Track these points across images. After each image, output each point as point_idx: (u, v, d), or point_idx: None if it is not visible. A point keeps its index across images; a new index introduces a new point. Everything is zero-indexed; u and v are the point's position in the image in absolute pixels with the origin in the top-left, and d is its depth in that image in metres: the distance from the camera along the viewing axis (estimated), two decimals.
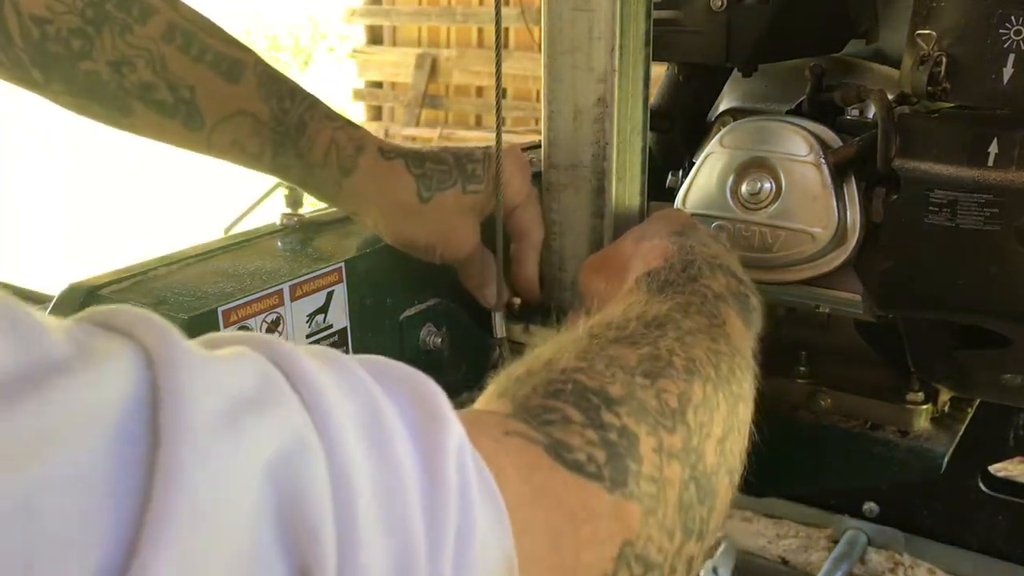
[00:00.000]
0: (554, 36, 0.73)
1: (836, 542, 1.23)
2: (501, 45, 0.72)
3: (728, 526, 1.29)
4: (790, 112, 0.83)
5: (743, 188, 0.80)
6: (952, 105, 0.69)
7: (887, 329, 0.82)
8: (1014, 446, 1.11)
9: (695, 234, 0.65)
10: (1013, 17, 0.63)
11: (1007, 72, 0.64)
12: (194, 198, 5.26)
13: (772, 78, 0.92)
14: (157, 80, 0.66)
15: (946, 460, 0.83)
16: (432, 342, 0.79)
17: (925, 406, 0.83)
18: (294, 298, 0.68)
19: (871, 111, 0.79)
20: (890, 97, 0.73)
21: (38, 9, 0.63)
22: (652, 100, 0.92)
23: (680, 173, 0.91)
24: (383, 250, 0.75)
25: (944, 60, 0.66)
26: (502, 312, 0.78)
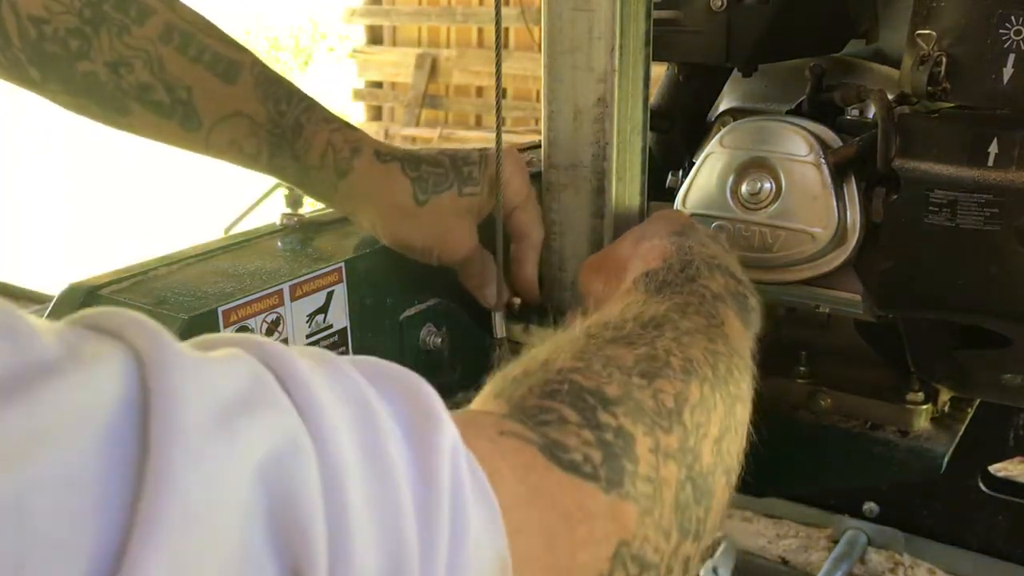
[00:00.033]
0: (554, 36, 0.73)
1: (836, 542, 1.23)
2: (501, 45, 0.71)
3: (728, 526, 1.29)
4: (790, 112, 0.83)
5: (743, 188, 0.80)
6: (952, 105, 0.69)
7: (887, 329, 0.82)
8: (1014, 446, 1.11)
9: (694, 234, 0.65)
10: (1013, 17, 0.63)
11: (1007, 72, 0.64)
12: (194, 198, 5.27)
13: (772, 78, 0.92)
14: (154, 81, 0.66)
15: (946, 460, 0.83)
16: (432, 342, 0.79)
17: (925, 406, 0.83)
18: (294, 298, 0.68)
19: (871, 111, 0.79)
20: (890, 97, 0.73)
21: (36, 9, 0.63)
22: (652, 100, 0.92)
23: (680, 173, 0.91)
24: (383, 250, 0.75)
25: (944, 60, 0.66)
26: (502, 312, 0.78)
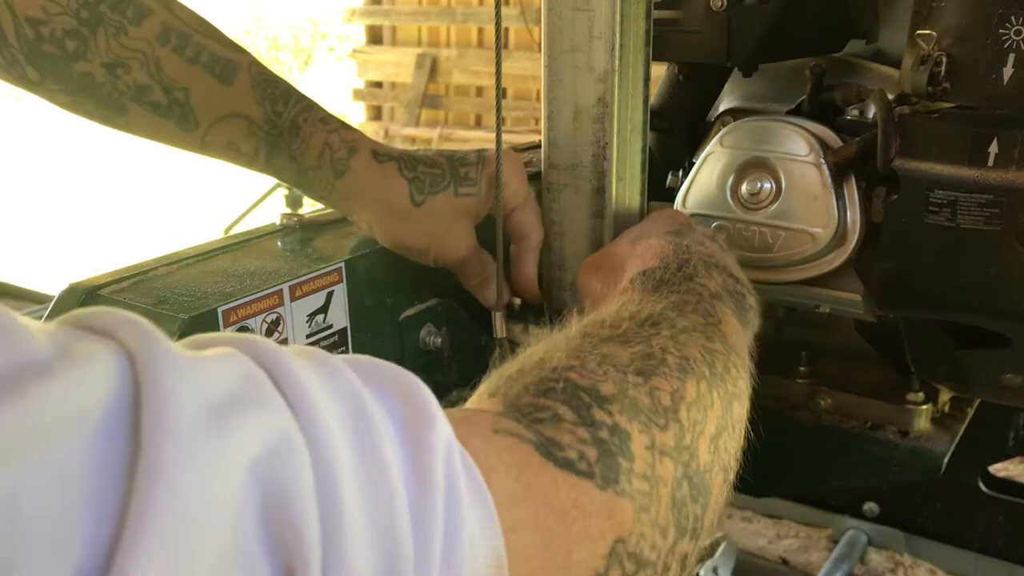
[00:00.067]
0: (554, 36, 0.73)
1: (836, 542, 1.23)
2: (501, 45, 0.71)
3: (728, 526, 1.29)
4: (790, 112, 0.83)
5: (743, 188, 0.80)
6: (952, 105, 0.69)
7: (887, 329, 0.82)
8: (1014, 446, 1.11)
9: (691, 234, 0.65)
10: (1013, 17, 0.63)
11: (1007, 72, 0.64)
12: (194, 198, 5.27)
13: (772, 78, 0.92)
14: (151, 82, 0.66)
15: (946, 460, 0.83)
16: (432, 342, 0.79)
17: (925, 406, 0.83)
18: (294, 298, 0.68)
19: (871, 111, 0.79)
20: (890, 97, 0.73)
21: (33, 10, 0.63)
22: (652, 100, 0.91)
23: (680, 173, 0.91)
24: (383, 250, 0.75)
25: (944, 60, 0.66)
26: (502, 312, 0.78)
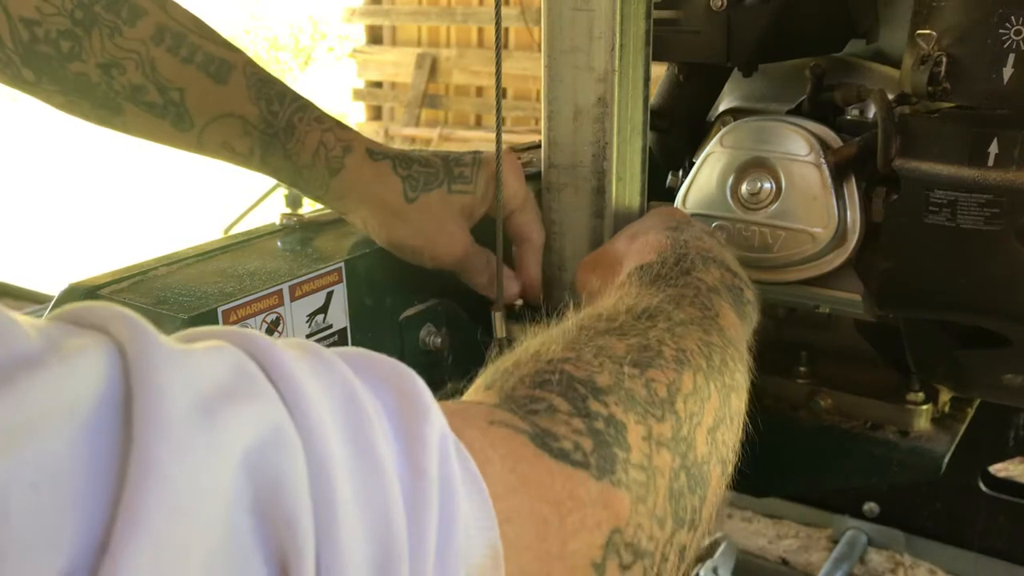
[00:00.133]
0: (554, 36, 0.73)
1: (836, 542, 1.23)
2: (501, 45, 0.71)
3: (728, 526, 1.29)
4: (790, 112, 0.83)
5: (743, 188, 0.80)
6: (952, 105, 0.69)
7: (887, 329, 0.82)
8: (1014, 446, 1.11)
9: (689, 229, 0.65)
10: (1013, 17, 0.63)
11: (1007, 72, 0.64)
12: (194, 198, 5.27)
13: (772, 78, 0.92)
14: (146, 82, 0.66)
15: (946, 460, 0.83)
16: (432, 342, 0.79)
17: (925, 406, 0.83)
18: (294, 298, 0.68)
19: (871, 111, 0.79)
20: (890, 97, 0.73)
21: (27, 11, 0.63)
22: (652, 100, 0.91)
23: (680, 173, 0.91)
24: (383, 250, 0.75)
25: (944, 60, 0.66)
26: (502, 312, 0.78)
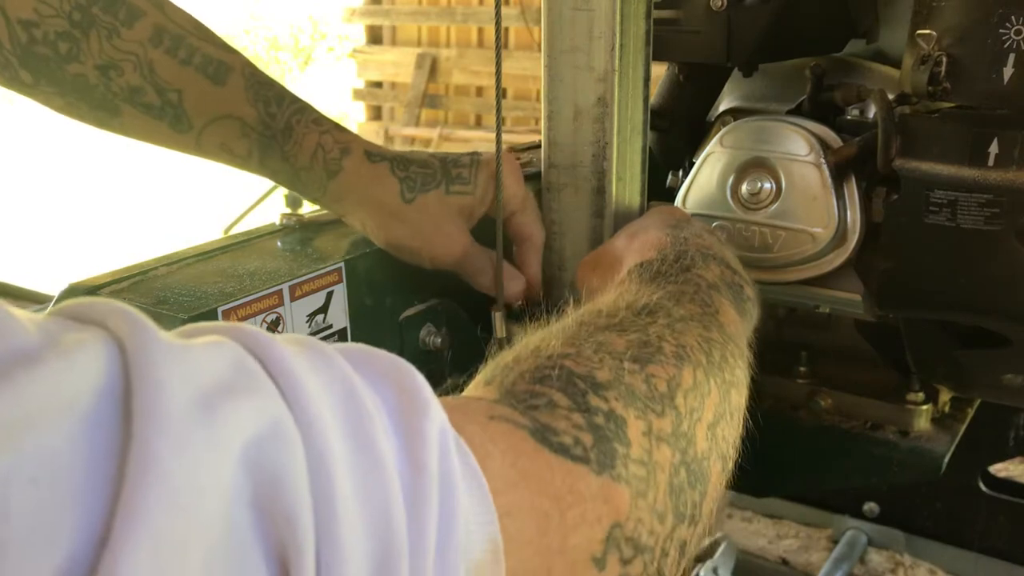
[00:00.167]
0: (554, 36, 0.73)
1: (836, 542, 1.23)
2: (501, 45, 0.71)
3: (728, 526, 1.29)
4: (790, 112, 0.83)
5: (743, 188, 0.80)
6: (952, 105, 0.69)
7: (887, 329, 0.82)
8: (1014, 446, 1.11)
9: (689, 227, 0.66)
10: (1013, 17, 0.63)
11: (1007, 72, 0.64)
12: (194, 198, 5.27)
13: (772, 78, 0.92)
14: (144, 83, 0.66)
15: (946, 460, 0.83)
16: (432, 342, 0.79)
17: (925, 406, 0.83)
18: (294, 298, 0.68)
19: (871, 111, 0.79)
20: (890, 97, 0.73)
21: (25, 12, 0.63)
22: (652, 100, 0.91)
23: (680, 173, 0.91)
24: (383, 250, 0.75)
25: (944, 60, 0.66)
26: (502, 312, 0.78)
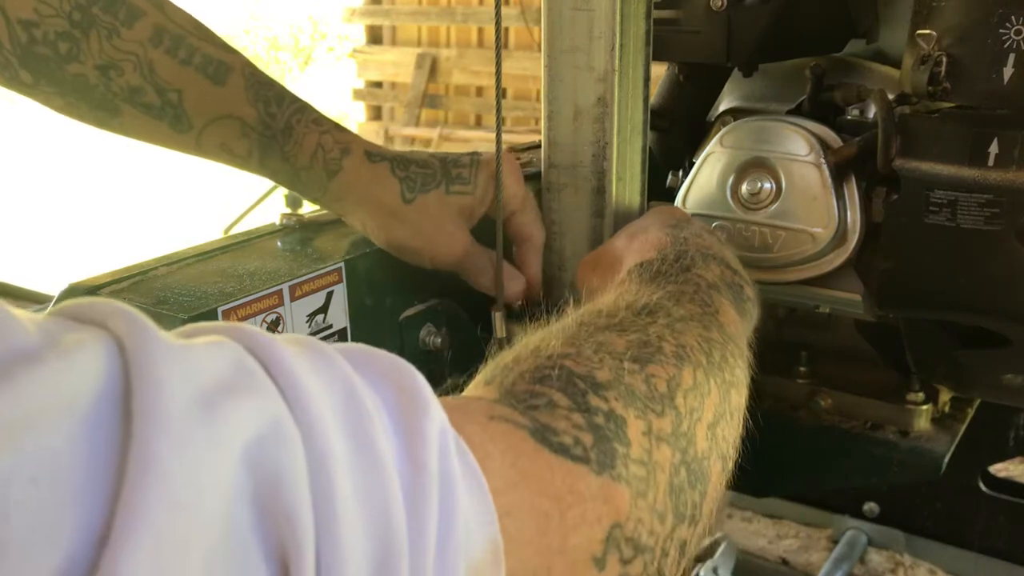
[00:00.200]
0: (554, 36, 0.73)
1: (836, 542, 1.23)
2: (501, 45, 0.71)
3: (728, 526, 1.29)
4: (790, 112, 0.83)
5: (743, 188, 0.80)
6: (952, 105, 0.69)
7: (887, 329, 0.82)
8: (1014, 446, 1.11)
9: (689, 227, 0.66)
10: (1013, 17, 0.63)
11: (1007, 72, 0.64)
12: (194, 198, 5.27)
13: (772, 78, 0.92)
14: (144, 83, 0.66)
15: (946, 460, 0.83)
16: (432, 342, 0.79)
17: (925, 406, 0.83)
18: (294, 298, 0.68)
19: (871, 111, 0.79)
20: (890, 97, 0.73)
21: (25, 12, 0.63)
22: (652, 100, 0.91)
23: (680, 173, 0.91)
24: (383, 250, 0.75)
25: (944, 60, 0.66)
26: (502, 312, 0.78)
